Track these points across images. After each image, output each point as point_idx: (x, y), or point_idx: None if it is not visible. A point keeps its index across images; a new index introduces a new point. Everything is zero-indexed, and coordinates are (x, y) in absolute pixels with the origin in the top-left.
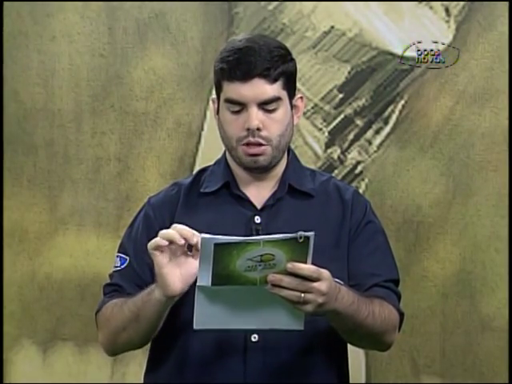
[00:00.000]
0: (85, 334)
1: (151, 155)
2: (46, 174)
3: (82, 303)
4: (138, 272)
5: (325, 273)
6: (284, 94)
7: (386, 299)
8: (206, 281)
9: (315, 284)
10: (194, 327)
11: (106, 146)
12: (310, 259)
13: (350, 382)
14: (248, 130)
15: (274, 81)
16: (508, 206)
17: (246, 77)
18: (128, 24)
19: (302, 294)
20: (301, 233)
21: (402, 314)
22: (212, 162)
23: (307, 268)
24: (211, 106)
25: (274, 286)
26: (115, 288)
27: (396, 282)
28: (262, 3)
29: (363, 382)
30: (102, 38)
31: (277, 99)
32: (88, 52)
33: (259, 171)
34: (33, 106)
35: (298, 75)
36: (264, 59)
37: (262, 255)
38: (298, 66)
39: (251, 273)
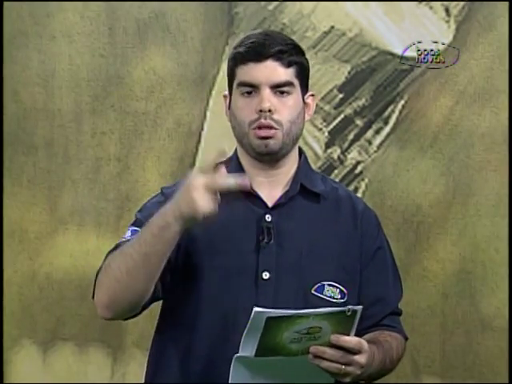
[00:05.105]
0: (85, 334)
1: (151, 155)
2: (45, 174)
3: (82, 303)
4: None
5: (365, 345)
6: (297, 83)
7: (396, 329)
8: (249, 352)
9: (356, 357)
10: None
11: (106, 146)
12: (353, 331)
13: None
14: (260, 111)
15: (288, 66)
16: (508, 205)
17: (259, 58)
18: (128, 24)
19: (343, 366)
20: (350, 307)
21: (406, 339)
22: None
23: (350, 341)
24: (222, 104)
25: (316, 357)
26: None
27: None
28: (262, 3)
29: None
30: (101, 38)
31: (290, 84)
32: (88, 52)
33: (269, 158)
34: (33, 106)
35: None
36: (278, 43)
37: (309, 328)
38: None
39: (295, 344)
